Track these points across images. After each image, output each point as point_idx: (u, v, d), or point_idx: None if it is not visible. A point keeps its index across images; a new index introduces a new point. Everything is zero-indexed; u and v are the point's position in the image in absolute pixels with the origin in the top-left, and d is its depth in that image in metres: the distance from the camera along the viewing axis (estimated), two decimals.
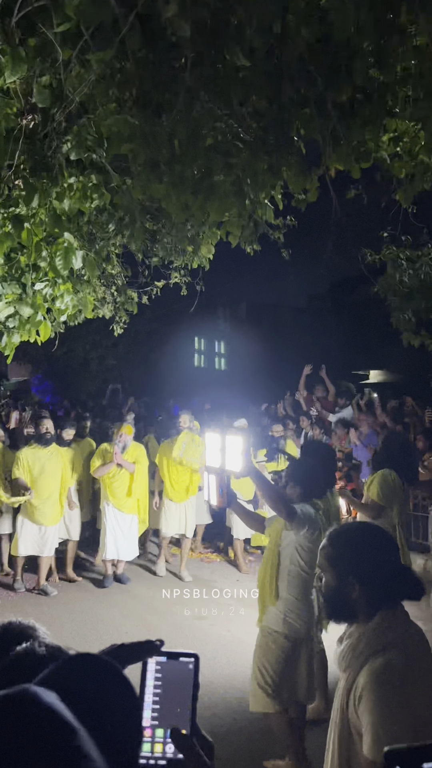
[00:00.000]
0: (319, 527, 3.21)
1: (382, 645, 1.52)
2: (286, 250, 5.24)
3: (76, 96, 3.07)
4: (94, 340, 18.64)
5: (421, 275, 7.14)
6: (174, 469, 6.78)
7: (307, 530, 3.20)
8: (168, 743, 0.77)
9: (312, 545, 3.19)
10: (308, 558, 3.25)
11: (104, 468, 6.41)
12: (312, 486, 3.41)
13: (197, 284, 5.63)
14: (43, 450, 6.21)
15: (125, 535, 6.51)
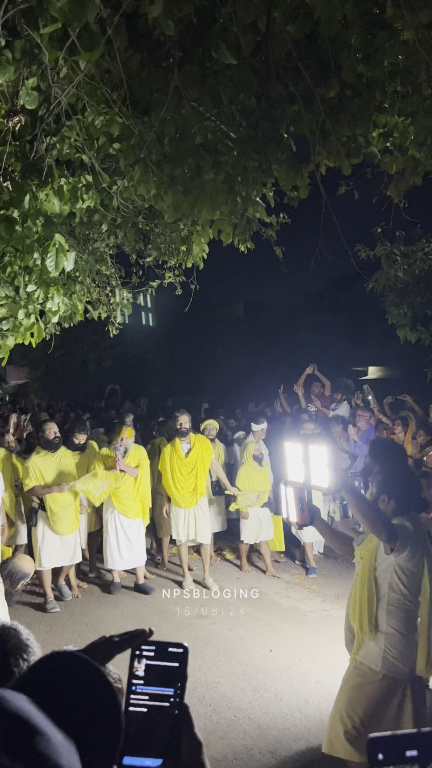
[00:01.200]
0: (421, 547, 2.72)
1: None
2: (280, 248, 5.23)
3: (63, 97, 3.07)
4: (91, 341, 18.65)
5: (415, 270, 7.13)
6: (178, 473, 6.49)
7: (409, 551, 2.68)
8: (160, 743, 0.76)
9: (415, 569, 2.72)
10: (410, 584, 2.74)
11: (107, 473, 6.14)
12: (410, 498, 2.85)
13: (191, 284, 5.61)
14: (52, 456, 5.94)
15: (132, 542, 6.28)
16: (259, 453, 6.90)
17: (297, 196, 4.06)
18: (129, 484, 6.29)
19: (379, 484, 2.85)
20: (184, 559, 6.59)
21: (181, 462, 6.48)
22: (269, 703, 4.08)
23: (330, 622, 5.52)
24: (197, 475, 6.48)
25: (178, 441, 6.53)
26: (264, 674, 4.50)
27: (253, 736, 3.69)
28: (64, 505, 5.89)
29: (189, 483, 6.48)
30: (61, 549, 5.92)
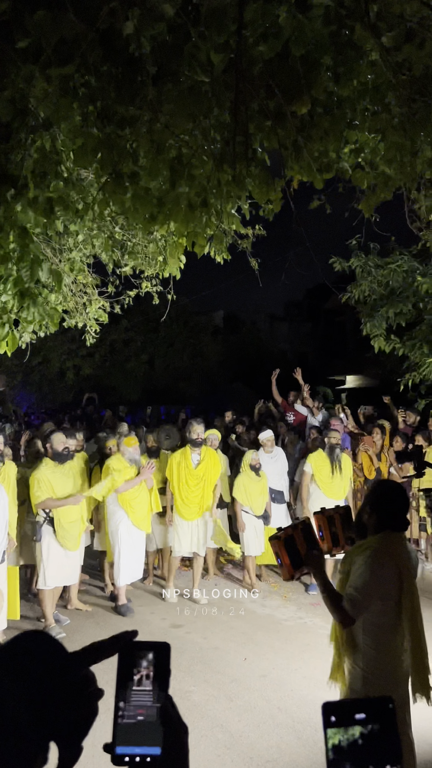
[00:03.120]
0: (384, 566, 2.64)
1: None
2: (256, 260, 5.30)
3: (39, 110, 3.10)
4: (69, 349, 18.57)
5: (389, 282, 7.27)
6: (185, 484, 6.30)
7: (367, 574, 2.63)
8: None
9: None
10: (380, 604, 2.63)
11: (129, 484, 5.94)
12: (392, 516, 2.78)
13: (168, 293, 5.65)
14: (61, 468, 5.61)
15: (139, 555, 6.14)
16: (257, 463, 6.75)
17: (271, 209, 4.15)
18: (145, 495, 6.12)
19: (365, 496, 2.88)
20: (173, 571, 6.45)
21: (190, 473, 6.32)
22: (243, 711, 4.10)
23: (305, 630, 5.56)
24: (204, 488, 6.33)
25: (189, 451, 6.36)
26: (238, 683, 4.52)
27: (226, 745, 3.71)
28: (73, 520, 5.61)
29: (196, 495, 6.32)
30: (66, 567, 5.61)
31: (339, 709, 0.70)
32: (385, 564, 2.58)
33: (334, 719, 0.69)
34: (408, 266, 7.26)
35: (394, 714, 0.70)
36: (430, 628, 5.25)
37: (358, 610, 2.56)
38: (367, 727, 0.68)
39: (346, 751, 0.67)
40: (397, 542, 2.68)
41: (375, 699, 0.70)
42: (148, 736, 0.79)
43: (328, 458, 6.73)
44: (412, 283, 7.10)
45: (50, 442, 5.63)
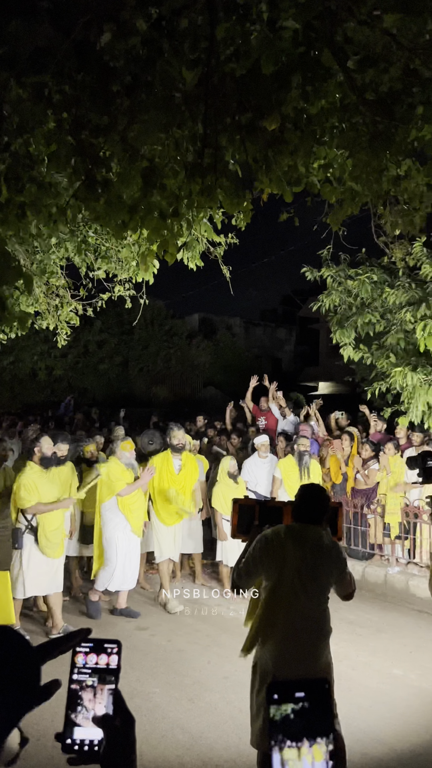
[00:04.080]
0: (263, 551, 3.00)
1: None
2: (227, 267, 5.38)
3: (13, 116, 3.14)
4: (42, 350, 18.44)
5: (360, 292, 7.42)
6: (167, 487, 6.26)
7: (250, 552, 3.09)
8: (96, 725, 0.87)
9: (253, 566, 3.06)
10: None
11: (130, 488, 5.84)
12: (301, 511, 3.12)
13: (141, 298, 5.71)
14: (46, 474, 5.44)
15: (136, 563, 6.05)
16: (234, 470, 6.71)
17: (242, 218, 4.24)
18: (142, 500, 6.03)
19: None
20: (166, 577, 6.33)
21: (172, 478, 6.27)
22: (203, 713, 4.16)
23: None
24: (185, 494, 6.33)
25: (170, 456, 6.31)
26: (200, 685, 4.58)
27: (186, 746, 3.76)
28: (56, 528, 5.45)
29: (177, 500, 6.28)
30: (47, 575, 5.41)
31: (282, 688, 0.78)
32: (265, 545, 2.92)
33: (277, 697, 0.77)
34: (377, 278, 7.43)
35: (330, 694, 0.79)
36: (397, 631, 5.36)
37: (240, 579, 2.97)
38: (303, 704, 0.76)
39: (280, 724, 0.75)
40: (291, 531, 2.98)
41: (314, 680, 0.80)
42: (98, 722, 0.86)
43: (297, 464, 6.82)
44: (380, 294, 7.27)
45: (38, 446, 5.43)
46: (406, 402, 6.82)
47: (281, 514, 3.15)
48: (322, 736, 0.75)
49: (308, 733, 0.75)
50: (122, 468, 5.93)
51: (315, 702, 0.77)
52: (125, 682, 3.90)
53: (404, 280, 7.11)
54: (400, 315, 6.92)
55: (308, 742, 0.74)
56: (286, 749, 0.73)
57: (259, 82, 3.12)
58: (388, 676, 4.84)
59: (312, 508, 3.03)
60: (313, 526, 2.99)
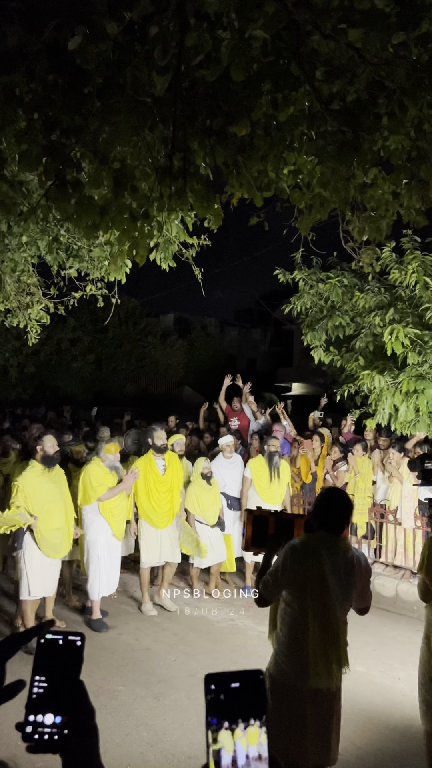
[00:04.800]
0: (296, 562, 2.84)
1: None
2: (199, 269, 5.42)
3: None
4: (14, 347, 18.24)
5: (330, 296, 7.53)
6: (154, 491, 6.16)
7: (280, 566, 2.90)
8: (55, 714, 0.88)
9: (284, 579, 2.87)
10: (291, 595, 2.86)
11: (112, 492, 5.75)
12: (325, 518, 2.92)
13: (112, 297, 5.71)
14: (48, 473, 5.29)
15: (116, 566, 5.98)
16: (208, 471, 6.67)
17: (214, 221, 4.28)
18: (125, 503, 5.92)
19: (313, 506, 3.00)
20: (146, 583, 6.26)
21: (158, 480, 6.19)
22: (168, 710, 4.20)
23: (235, 631, 5.71)
24: (173, 494, 6.26)
25: (153, 458, 6.22)
26: (166, 683, 4.62)
27: (150, 743, 3.80)
28: (55, 528, 5.29)
29: (165, 502, 6.22)
30: (50, 576, 5.33)
31: (218, 679, 0.81)
32: (296, 557, 2.77)
33: (213, 687, 0.80)
34: (348, 281, 7.55)
35: (264, 683, 0.83)
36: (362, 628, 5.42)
37: (267, 592, 2.84)
38: (239, 692, 0.80)
39: (217, 707, 0.79)
40: (322, 542, 2.80)
41: (249, 671, 0.83)
42: (56, 706, 0.88)
43: (267, 464, 6.89)
44: (350, 298, 7.38)
45: (41, 445, 5.28)
46: (374, 404, 6.95)
47: (292, 526, 3.01)
48: (256, 718, 0.79)
49: (242, 716, 0.79)
50: (105, 471, 5.81)
51: (250, 691, 0.81)
52: (91, 680, 3.96)
53: (373, 285, 7.24)
54: (369, 319, 7.04)
55: (242, 723, 0.78)
56: (221, 732, 0.78)
57: (229, 89, 3.17)
58: (352, 673, 4.91)
59: (343, 518, 2.87)
60: (342, 537, 2.86)
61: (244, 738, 0.79)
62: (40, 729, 0.87)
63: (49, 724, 0.87)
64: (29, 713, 0.87)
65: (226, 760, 0.78)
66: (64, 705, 0.88)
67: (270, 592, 2.84)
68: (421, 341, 6.38)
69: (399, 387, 6.45)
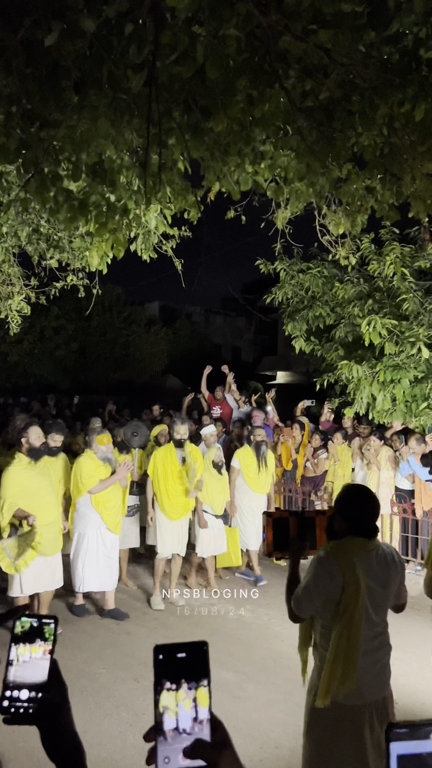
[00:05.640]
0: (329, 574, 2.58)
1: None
2: (179, 260, 5.47)
3: None
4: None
5: (311, 286, 7.63)
6: (171, 482, 6.06)
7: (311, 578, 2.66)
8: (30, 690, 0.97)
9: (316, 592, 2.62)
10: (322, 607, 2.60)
11: (103, 485, 5.60)
12: (357, 522, 2.71)
13: (93, 287, 5.76)
14: (35, 465, 5.10)
15: (113, 562, 5.78)
16: (220, 460, 6.57)
17: (195, 213, 4.34)
18: (119, 496, 5.78)
19: (335, 501, 2.78)
20: (159, 574, 6.18)
21: (176, 472, 6.11)
22: (147, 691, 4.31)
23: (215, 616, 5.84)
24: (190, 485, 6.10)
25: (173, 448, 6.15)
26: (146, 665, 4.73)
27: (129, 722, 3.92)
28: (48, 522, 5.11)
29: (181, 495, 6.10)
30: (43, 572, 5.13)
31: (165, 650, 0.88)
32: (327, 568, 2.54)
33: (161, 657, 0.88)
34: (329, 272, 7.64)
35: (207, 653, 0.89)
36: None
37: (300, 608, 2.62)
38: (184, 661, 0.87)
39: (163, 673, 0.86)
40: (353, 547, 2.60)
41: (194, 642, 0.89)
42: (34, 686, 0.97)
43: (254, 454, 6.91)
44: (331, 289, 7.49)
45: (26, 436, 5.09)
46: (352, 393, 7.08)
47: (314, 524, 2.85)
48: (202, 678, 0.86)
49: (186, 678, 0.86)
50: (97, 463, 5.68)
51: (195, 660, 0.88)
52: (72, 663, 4.06)
53: (353, 276, 7.35)
54: (348, 309, 7.15)
55: (187, 684, 0.86)
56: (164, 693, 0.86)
57: (205, 85, 3.22)
58: None
59: (374, 518, 2.67)
60: (374, 538, 2.67)
61: (188, 699, 0.87)
62: (16, 703, 0.95)
63: (24, 699, 0.96)
64: (5, 689, 0.96)
65: (169, 723, 0.84)
66: (39, 679, 0.97)
67: (303, 609, 2.63)
68: (398, 332, 6.51)
69: (376, 377, 6.58)
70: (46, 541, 5.05)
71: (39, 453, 5.11)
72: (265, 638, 5.37)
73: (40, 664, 0.99)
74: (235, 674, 4.60)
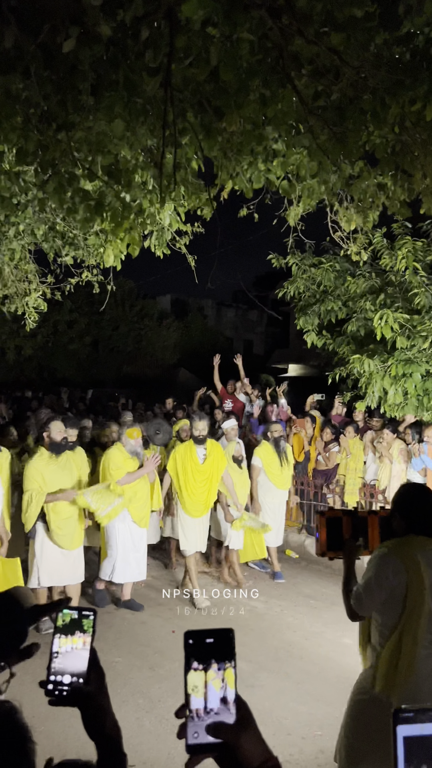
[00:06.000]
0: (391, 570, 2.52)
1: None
2: (193, 257, 5.53)
3: None
4: (11, 329, 18.34)
5: (323, 281, 7.66)
6: (192, 480, 6.03)
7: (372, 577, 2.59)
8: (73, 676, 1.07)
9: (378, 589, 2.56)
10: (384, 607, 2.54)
11: (130, 477, 5.61)
12: (418, 521, 2.64)
13: (108, 284, 5.84)
14: (57, 459, 5.20)
15: (140, 555, 5.82)
16: (239, 455, 6.56)
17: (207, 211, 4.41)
18: (146, 490, 5.80)
19: (392, 501, 2.73)
20: (194, 572, 6.13)
21: (196, 469, 6.05)
22: (163, 679, 4.42)
23: (228, 604, 5.95)
24: (211, 484, 6.08)
25: (193, 446, 6.09)
26: (161, 654, 4.85)
27: (145, 709, 4.03)
28: (67, 517, 5.17)
29: (202, 492, 6.05)
30: (62, 565, 5.21)
31: (195, 635, 0.96)
32: (391, 565, 2.49)
33: (191, 641, 0.96)
34: (341, 266, 7.67)
35: (233, 639, 0.97)
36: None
37: (361, 607, 2.57)
38: (212, 646, 0.95)
39: (192, 655, 0.94)
40: (416, 545, 2.54)
41: (221, 629, 0.97)
42: (76, 671, 1.07)
43: (274, 451, 6.84)
44: (343, 283, 7.52)
45: (48, 431, 5.18)
46: (364, 387, 7.12)
47: (366, 524, 2.78)
48: (230, 660, 0.95)
49: (216, 658, 0.94)
50: (125, 456, 5.69)
51: (222, 644, 0.97)
52: None
53: (365, 270, 7.37)
54: (360, 303, 7.18)
55: (217, 664, 0.94)
56: (193, 673, 0.94)
57: (218, 86, 3.28)
58: (339, 645, 5.17)
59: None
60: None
61: (217, 679, 0.95)
62: (60, 687, 1.06)
63: (67, 683, 1.06)
64: (50, 674, 1.06)
65: (197, 703, 0.92)
66: (80, 668, 1.07)
67: (364, 606, 2.57)
68: (409, 326, 6.54)
69: (388, 371, 6.62)
70: (65, 534, 5.13)
71: (60, 447, 5.19)
72: (277, 629, 5.47)
73: (80, 654, 1.08)
74: (249, 664, 4.69)
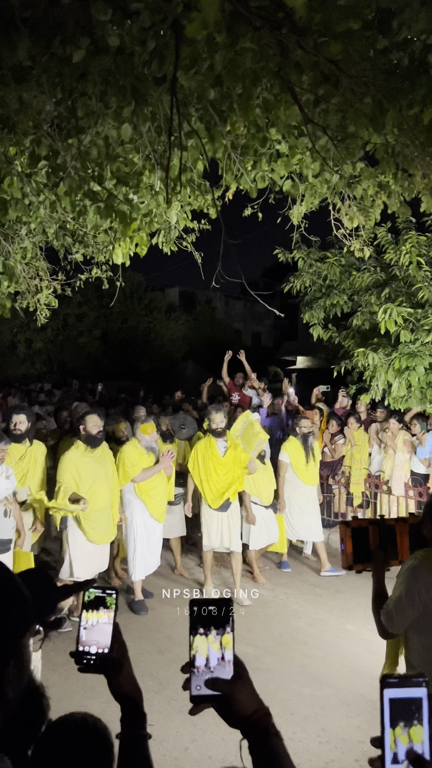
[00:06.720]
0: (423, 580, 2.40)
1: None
2: (199, 254, 5.66)
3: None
4: (21, 322, 18.55)
5: (328, 275, 7.77)
6: (213, 473, 5.96)
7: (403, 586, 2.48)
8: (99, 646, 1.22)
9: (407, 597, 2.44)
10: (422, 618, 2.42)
11: (147, 473, 5.65)
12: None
13: (117, 280, 5.98)
14: (92, 453, 5.22)
15: (156, 548, 5.90)
16: (262, 451, 6.47)
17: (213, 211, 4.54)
18: (163, 484, 5.83)
19: (424, 507, 2.60)
20: (209, 566, 6.16)
21: (218, 462, 5.97)
22: (171, 662, 4.60)
23: (235, 594, 6.12)
24: (233, 477, 6.00)
25: (212, 439, 6.03)
26: (170, 639, 5.02)
27: (154, 690, 4.20)
28: (99, 509, 5.17)
29: (223, 484, 5.99)
30: (94, 558, 5.26)
31: (198, 603, 1.11)
32: (422, 579, 2.37)
33: (195, 609, 1.10)
34: (346, 261, 7.77)
35: (231, 607, 1.12)
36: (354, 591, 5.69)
37: (392, 624, 2.45)
38: (213, 614, 1.10)
39: (196, 621, 1.09)
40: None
41: (221, 599, 1.12)
42: (101, 639, 1.22)
43: (302, 446, 6.78)
44: (348, 277, 7.62)
45: (84, 424, 5.23)
46: (368, 380, 7.24)
47: (395, 533, 2.64)
48: (227, 627, 1.09)
49: (215, 625, 1.09)
50: (141, 451, 5.71)
51: (221, 612, 1.11)
52: None
53: (370, 264, 7.47)
54: (365, 297, 7.29)
55: (215, 630, 1.09)
56: (197, 637, 1.09)
57: (222, 91, 3.39)
58: (342, 631, 5.33)
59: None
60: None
61: (215, 643, 1.11)
62: (87, 656, 1.21)
63: (93, 653, 1.22)
64: (78, 645, 1.21)
65: (200, 661, 1.09)
66: (104, 640, 1.22)
67: (395, 623, 2.42)
68: (413, 320, 6.64)
69: (392, 364, 6.73)
70: (98, 527, 5.18)
71: (96, 441, 5.22)
72: (282, 615, 5.63)
73: (104, 628, 1.23)
74: (254, 648, 4.86)
